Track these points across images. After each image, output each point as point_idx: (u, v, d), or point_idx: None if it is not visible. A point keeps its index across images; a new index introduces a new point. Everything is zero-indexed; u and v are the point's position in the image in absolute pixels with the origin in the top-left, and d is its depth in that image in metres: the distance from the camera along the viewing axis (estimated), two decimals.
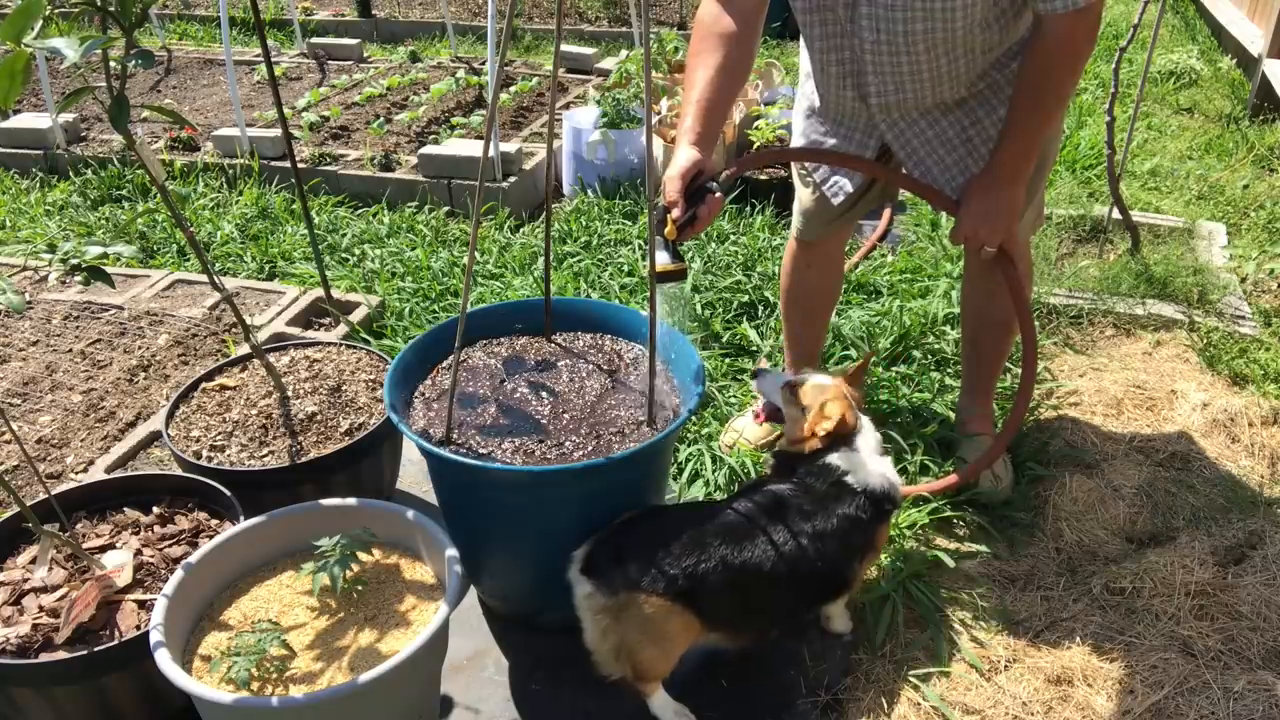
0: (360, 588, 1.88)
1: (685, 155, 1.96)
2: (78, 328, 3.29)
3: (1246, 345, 3.14)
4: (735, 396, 2.92)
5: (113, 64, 1.79)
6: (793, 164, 2.49)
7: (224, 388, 2.46)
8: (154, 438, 2.70)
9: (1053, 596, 2.23)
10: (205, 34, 7.85)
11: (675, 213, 1.91)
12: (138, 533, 2.02)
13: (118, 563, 1.90)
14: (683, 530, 1.83)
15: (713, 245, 3.77)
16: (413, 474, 2.67)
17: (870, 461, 1.96)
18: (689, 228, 1.94)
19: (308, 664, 1.71)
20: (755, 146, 4.34)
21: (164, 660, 1.62)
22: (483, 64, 6.45)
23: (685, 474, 2.59)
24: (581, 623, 1.84)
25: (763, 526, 1.87)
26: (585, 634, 1.84)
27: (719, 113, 2.04)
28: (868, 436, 2.00)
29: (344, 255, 3.89)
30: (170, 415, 2.36)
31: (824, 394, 2.02)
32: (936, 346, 3.12)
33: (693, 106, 2.02)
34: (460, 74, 6.07)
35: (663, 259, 1.89)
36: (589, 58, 6.34)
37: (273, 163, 4.61)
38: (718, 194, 1.97)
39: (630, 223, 4.04)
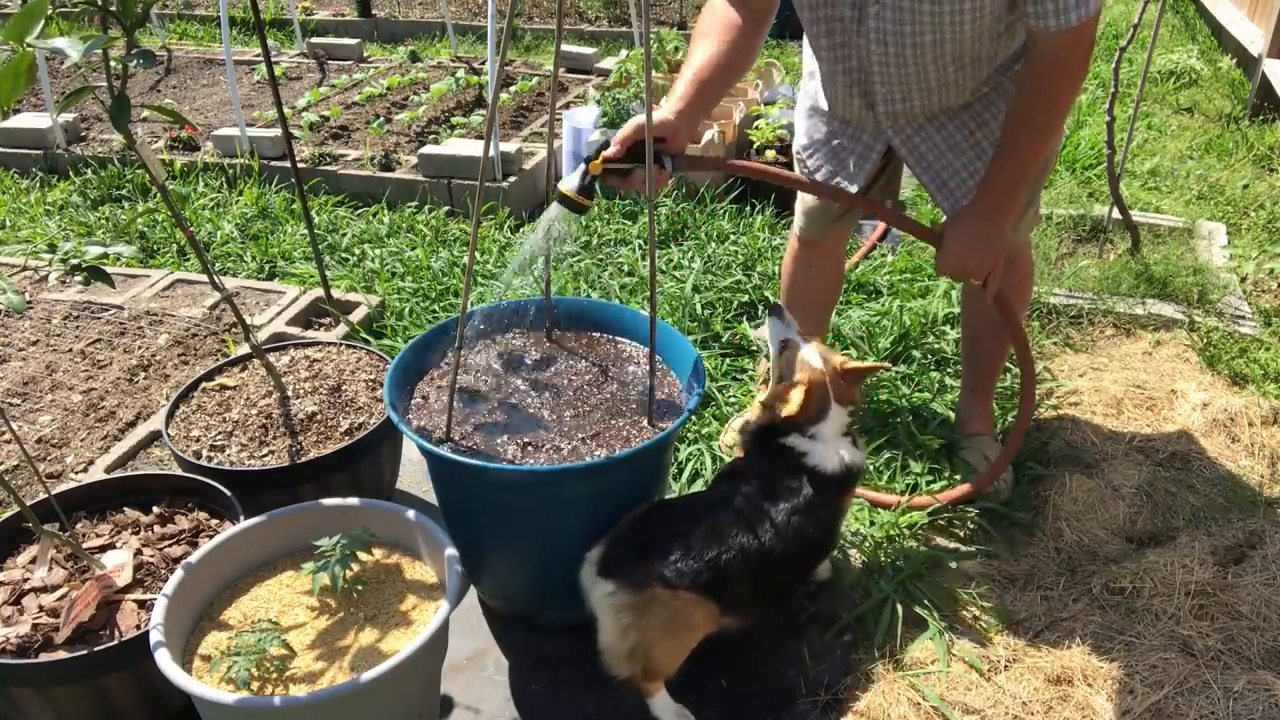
0: (360, 587, 1.88)
1: (656, 115, 1.92)
2: (78, 328, 3.29)
3: (1246, 345, 3.14)
4: (735, 396, 2.92)
5: (113, 64, 1.79)
6: (795, 163, 2.49)
7: (224, 387, 2.46)
8: (154, 438, 2.70)
9: (1053, 596, 2.23)
10: (205, 34, 7.86)
11: (609, 151, 1.90)
12: (138, 532, 2.02)
13: (118, 563, 1.90)
14: (696, 524, 1.86)
15: (713, 245, 3.77)
16: (413, 474, 2.67)
17: (829, 448, 1.96)
18: (617, 177, 1.92)
19: (308, 664, 1.71)
20: (755, 146, 4.34)
21: (164, 660, 1.62)
22: (483, 64, 6.45)
23: (685, 474, 2.59)
24: (599, 622, 1.84)
25: (766, 511, 1.90)
26: (602, 633, 1.84)
27: (711, 91, 2.02)
28: (832, 421, 1.99)
29: (344, 255, 3.89)
30: (170, 415, 2.36)
31: (802, 374, 1.99)
32: (936, 346, 3.12)
33: (684, 82, 2.00)
34: (460, 74, 6.07)
35: (572, 182, 1.89)
36: (589, 58, 6.34)
37: (273, 162, 4.61)
38: (665, 169, 1.94)
39: (630, 223, 4.04)
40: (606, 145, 1.91)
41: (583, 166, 1.91)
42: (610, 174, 1.91)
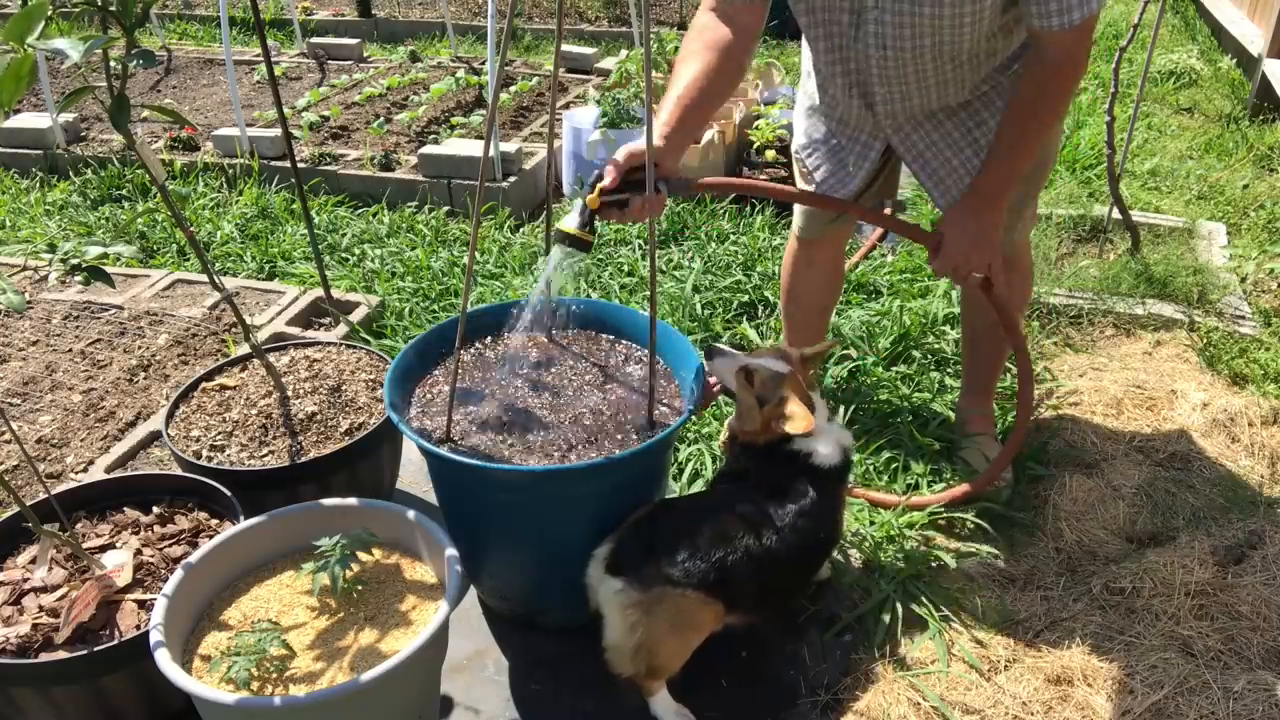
0: (360, 587, 1.88)
1: (641, 142, 1.88)
2: (78, 328, 3.29)
3: (1246, 345, 3.14)
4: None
5: (113, 64, 1.79)
6: (794, 163, 2.49)
7: (224, 388, 2.45)
8: (154, 438, 2.70)
9: (1053, 596, 2.23)
10: (205, 34, 7.86)
11: (605, 183, 1.86)
12: (138, 532, 2.02)
13: (118, 562, 1.90)
14: (702, 523, 1.86)
15: (713, 245, 3.77)
16: (413, 474, 2.67)
17: (826, 440, 1.99)
18: (616, 209, 1.89)
19: (308, 664, 1.71)
20: (755, 146, 4.34)
21: (164, 660, 1.62)
22: (483, 64, 6.45)
23: (685, 474, 2.59)
24: (605, 619, 1.84)
25: (772, 511, 1.91)
26: (608, 630, 1.84)
27: (697, 116, 1.97)
28: (820, 410, 2.01)
29: (344, 255, 3.89)
30: (170, 415, 2.36)
31: (781, 386, 1.98)
32: (936, 346, 3.12)
33: (671, 103, 1.95)
34: (460, 74, 6.07)
35: (572, 221, 1.87)
36: (589, 58, 6.34)
37: (273, 162, 4.61)
38: (661, 194, 1.89)
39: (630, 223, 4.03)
40: (600, 178, 1.87)
41: (579, 203, 1.88)
42: (608, 206, 1.88)
